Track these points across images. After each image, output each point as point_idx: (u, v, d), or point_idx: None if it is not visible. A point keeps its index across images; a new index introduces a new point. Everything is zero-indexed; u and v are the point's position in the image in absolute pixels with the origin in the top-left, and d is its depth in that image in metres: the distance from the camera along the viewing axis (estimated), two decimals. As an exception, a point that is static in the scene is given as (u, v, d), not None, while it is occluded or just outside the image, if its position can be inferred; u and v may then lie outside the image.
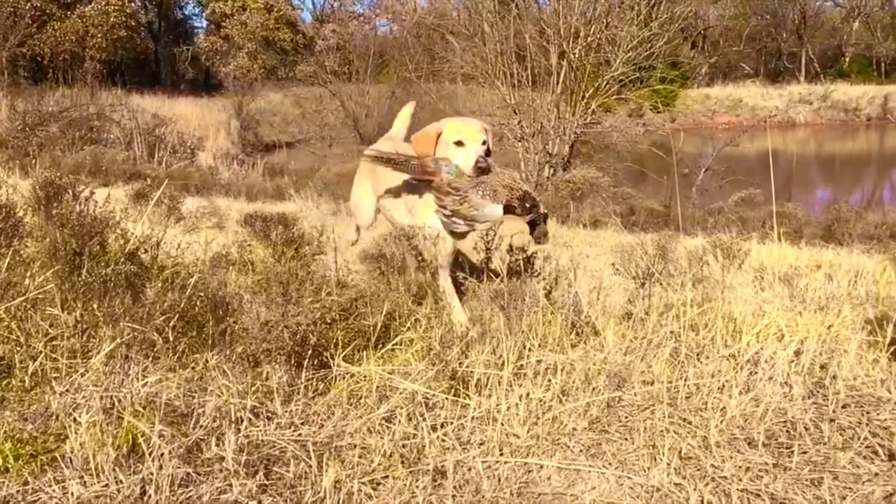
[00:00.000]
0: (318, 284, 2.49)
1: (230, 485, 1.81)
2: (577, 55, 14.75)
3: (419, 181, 3.17)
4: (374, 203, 3.68)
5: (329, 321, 2.42)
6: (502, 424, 2.18)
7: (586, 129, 15.66)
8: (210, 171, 15.28)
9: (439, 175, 3.02)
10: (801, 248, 5.45)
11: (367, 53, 21.09)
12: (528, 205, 2.91)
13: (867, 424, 2.28)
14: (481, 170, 2.98)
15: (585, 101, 15.36)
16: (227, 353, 2.37)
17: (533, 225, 2.97)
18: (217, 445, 1.97)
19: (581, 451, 2.13)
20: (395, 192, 3.43)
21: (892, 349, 2.79)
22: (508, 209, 2.93)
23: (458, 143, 3.05)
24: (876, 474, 2.02)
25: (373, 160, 3.22)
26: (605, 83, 15.19)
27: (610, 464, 2.07)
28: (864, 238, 6.22)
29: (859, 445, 2.17)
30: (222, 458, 1.91)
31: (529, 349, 2.57)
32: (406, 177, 3.24)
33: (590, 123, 15.41)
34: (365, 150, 3.64)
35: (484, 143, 3.08)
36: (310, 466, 1.92)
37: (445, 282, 3.14)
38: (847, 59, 42.10)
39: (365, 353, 2.53)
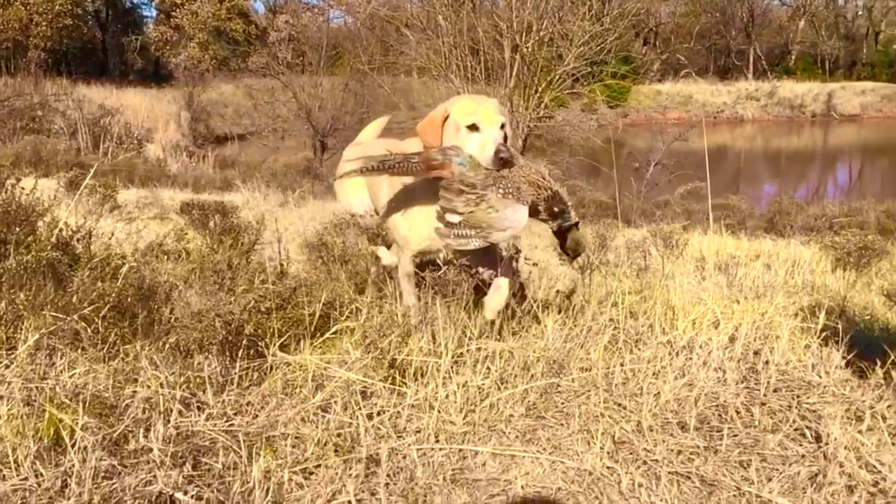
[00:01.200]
0: (253, 273, 2.44)
1: (155, 476, 1.76)
2: (529, 49, 14.81)
3: (423, 181, 2.60)
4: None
5: (265, 310, 2.38)
6: (439, 412, 2.17)
7: (539, 122, 15.75)
8: (158, 162, 14.96)
9: (449, 168, 2.43)
10: (741, 239, 5.57)
11: (320, 45, 20.85)
12: (556, 209, 2.40)
13: (797, 408, 2.33)
14: (503, 161, 2.42)
15: (538, 94, 15.44)
16: (160, 343, 2.32)
17: (562, 235, 2.47)
18: (145, 437, 1.92)
19: (517, 437, 2.14)
20: (396, 200, 2.84)
21: (823, 335, 2.86)
22: (531, 213, 2.42)
23: (472, 128, 2.50)
24: (803, 456, 2.07)
25: (359, 172, 2.60)
26: (557, 77, 15.29)
27: (545, 449, 2.08)
28: (804, 230, 6.39)
29: (788, 428, 2.22)
30: (149, 450, 1.87)
31: (469, 337, 2.57)
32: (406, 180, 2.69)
33: (543, 117, 15.51)
34: (343, 163, 3.09)
35: (502, 127, 2.52)
36: (240, 457, 1.89)
37: (409, 265, 2.82)
38: (793, 57, 43.15)
39: (303, 342, 2.50)
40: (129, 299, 2.44)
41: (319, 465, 1.91)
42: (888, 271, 3.93)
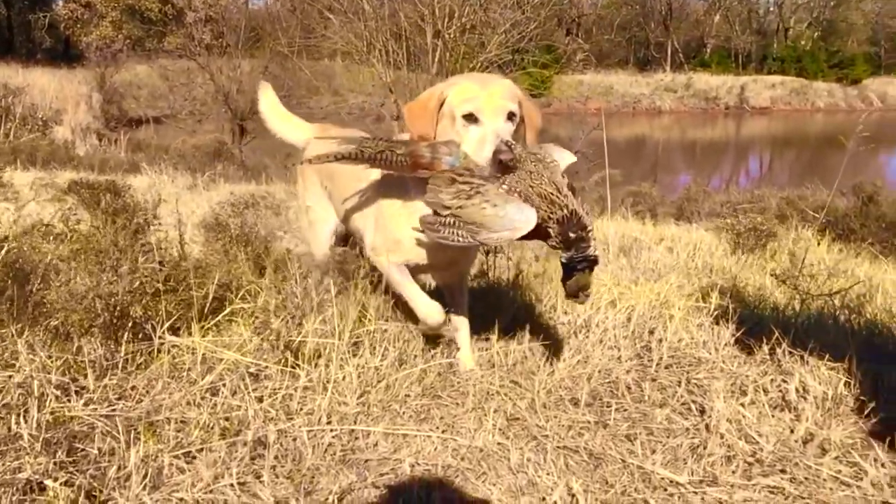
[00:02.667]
0: (142, 254, 2.34)
1: (23, 463, 1.67)
2: (452, 35, 14.81)
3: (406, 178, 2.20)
4: (333, 223, 2.74)
5: (153, 292, 2.29)
6: (333, 393, 2.14)
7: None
8: (66, 145, 14.32)
9: (438, 167, 2.05)
10: (645, 224, 5.72)
11: (239, 26, 20.31)
12: (571, 234, 1.87)
13: (685, 383, 2.40)
14: (504, 165, 1.98)
15: (461, 81, 15.40)
16: (39, 326, 2.21)
17: (569, 270, 1.92)
18: (16, 424, 1.83)
19: (411, 416, 2.13)
20: (364, 199, 2.46)
21: (715, 314, 2.96)
22: (539, 232, 1.91)
23: (470, 118, 2.07)
24: (687, 429, 2.13)
25: (332, 158, 2.15)
26: (479, 65, 15.33)
27: (438, 427, 2.08)
28: (710, 215, 6.61)
29: (676, 402, 2.28)
30: (20, 436, 1.77)
31: (370, 319, 2.55)
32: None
33: (465, 104, 15.54)
34: (312, 139, 2.75)
35: (512, 116, 2.09)
36: (118, 442, 1.81)
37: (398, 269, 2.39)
38: (708, 51, 44.58)
39: (195, 325, 2.42)
40: (9, 281, 2.31)
41: (203, 449, 1.86)
42: (779, 253, 4.10)
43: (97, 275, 2.15)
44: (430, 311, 2.35)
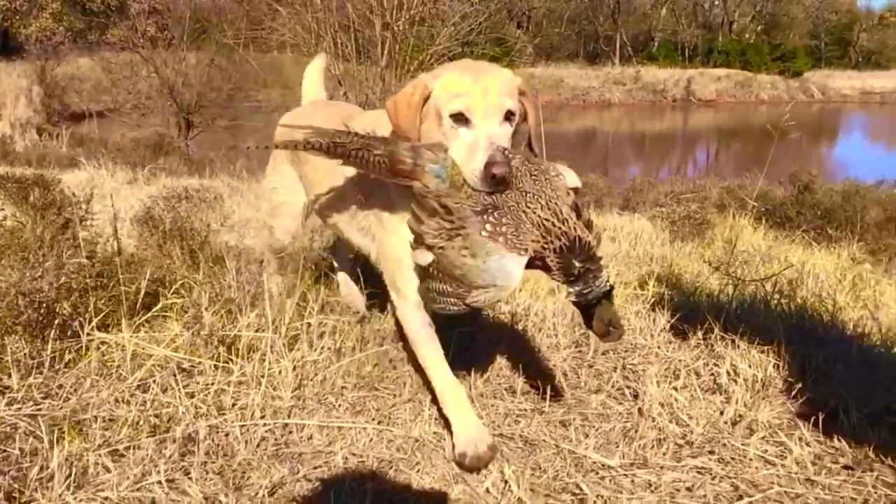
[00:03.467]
0: (71, 249, 2.28)
1: (-64, 467, 1.62)
2: (401, 28, 14.74)
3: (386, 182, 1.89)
4: (301, 205, 2.55)
5: (81, 288, 2.23)
6: (267, 388, 2.11)
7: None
8: (3, 140, 13.86)
9: (420, 177, 1.72)
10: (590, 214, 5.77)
11: (184, 18, 19.89)
12: (576, 264, 1.63)
13: (621, 369, 2.44)
14: (497, 180, 1.65)
15: (411, 73, 15.39)
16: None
17: (586, 309, 1.72)
18: (-68, 427, 1.76)
19: (347, 408, 2.12)
20: (345, 196, 2.21)
21: (652, 301, 3.01)
22: (541, 265, 1.67)
23: (459, 118, 1.75)
24: (620, 413, 2.16)
25: (301, 146, 1.86)
26: (429, 57, 15.30)
27: (374, 419, 2.07)
28: (654, 205, 6.73)
29: (611, 388, 2.32)
30: (-65, 440, 1.72)
31: (309, 312, 2.52)
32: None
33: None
34: (280, 122, 2.56)
35: (510, 116, 1.78)
36: (41, 442, 1.76)
37: (417, 316, 2.03)
38: (656, 44, 45.29)
39: (126, 321, 2.37)
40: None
41: (131, 447, 1.82)
42: (716, 240, 4.20)
43: (21, 271, 2.08)
44: (480, 433, 1.88)
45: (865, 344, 2.88)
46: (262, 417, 2.01)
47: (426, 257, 1.67)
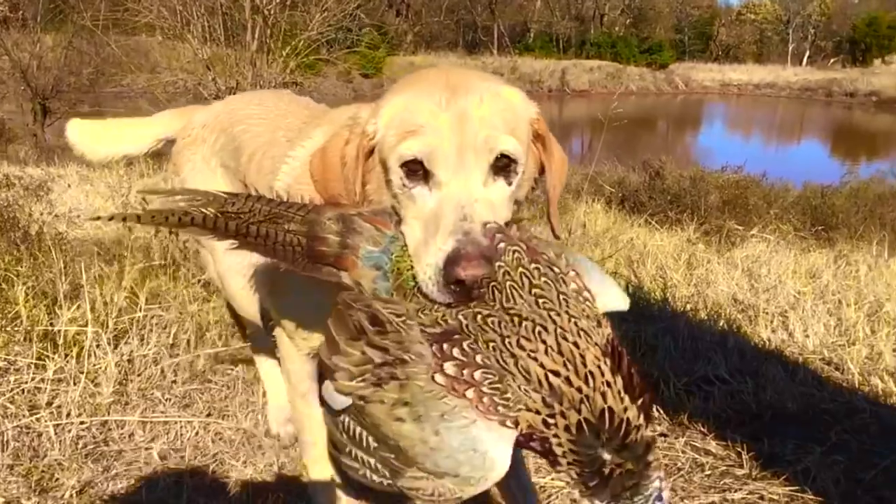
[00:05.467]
0: None
1: None
2: (271, 11, 14.38)
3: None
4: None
5: None
6: (87, 384, 2.02)
7: (286, 88, 15.38)
8: None
9: (350, 266, 1.06)
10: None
11: (38, -3, 18.60)
12: (606, 455, 0.93)
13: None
14: (466, 289, 0.97)
15: (283, 59, 15.07)
16: None
17: None
18: None
19: (175, 402, 2.06)
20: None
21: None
22: (532, 445, 0.95)
23: (414, 170, 1.10)
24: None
25: (165, 219, 1.08)
26: (302, 42, 15.02)
27: (202, 412, 2.02)
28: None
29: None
30: None
31: (139, 305, 2.43)
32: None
33: (289, 84, 15.18)
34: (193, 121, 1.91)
35: (508, 166, 1.11)
36: None
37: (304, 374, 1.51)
38: (532, 35, 46.37)
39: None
40: None
41: (-75, 454, 1.69)
42: (567, 224, 4.37)
43: None
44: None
45: (694, 319, 3.08)
46: (80, 415, 1.92)
47: (338, 401, 0.99)
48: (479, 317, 0.96)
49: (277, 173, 1.52)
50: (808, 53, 48.50)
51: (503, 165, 1.10)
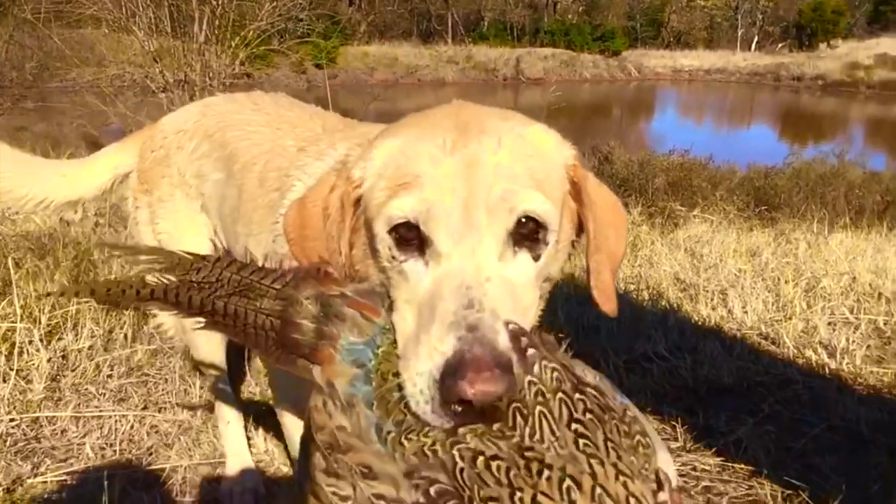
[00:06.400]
0: None
1: None
2: (219, 2, 14.12)
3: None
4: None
5: None
6: (17, 381, 1.97)
7: (236, 80, 15.17)
8: None
9: (330, 364, 0.79)
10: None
11: (-26, -11, 17.99)
12: None
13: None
14: (466, 410, 0.69)
15: (233, 50, 14.83)
16: None
17: None
18: None
19: (109, 397, 2.03)
20: None
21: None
22: None
23: (405, 237, 0.86)
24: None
25: (123, 290, 0.87)
26: (251, 33, 14.79)
27: (138, 406, 1.99)
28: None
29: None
30: None
31: (79, 302, 2.38)
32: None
33: (239, 74, 14.96)
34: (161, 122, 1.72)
35: (537, 232, 0.86)
36: None
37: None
38: (486, 23, 46.37)
39: None
40: None
41: None
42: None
43: None
44: None
45: (636, 299, 3.13)
46: (10, 413, 1.88)
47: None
48: (480, 459, 0.65)
49: (288, 190, 1.28)
50: (756, 39, 49.35)
51: (528, 232, 0.84)
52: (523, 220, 0.83)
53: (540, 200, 0.84)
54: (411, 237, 0.84)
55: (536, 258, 0.86)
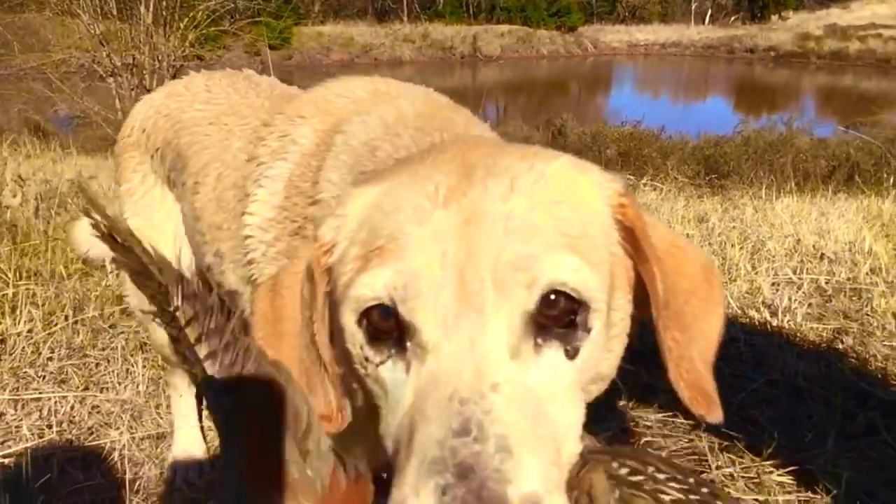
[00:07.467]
0: None
1: None
2: (166, -18, 13.80)
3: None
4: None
5: None
6: (-49, 366, 1.93)
7: (187, 62, 14.87)
8: None
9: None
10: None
11: None
12: None
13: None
14: None
15: (182, 32, 14.53)
16: None
17: None
18: None
19: (49, 379, 1.99)
20: None
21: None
22: None
23: (381, 328, 0.63)
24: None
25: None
26: (200, 14, 14.50)
27: (79, 387, 1.96)
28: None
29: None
30: None
31: (7, 281, 2.33)
32: None
33: (189, 57, 14.67)
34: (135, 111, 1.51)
35: (572, 314, 0.62)
36: None
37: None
38: (441, 1, 46.06)
39: None
40: None
41: None
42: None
43: None
44: None
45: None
46: (-58, 400, 1.84)
47: None
48: None
49: (242, 215, 1.02)
50: (710, 12, 49.79)
51: (558, 314, 0.60)
52: (550, 296, 0.59)
53: (573, 266, 0.59)
54: (388, 328, 0.61)
55: (573, 353, 0.60)
